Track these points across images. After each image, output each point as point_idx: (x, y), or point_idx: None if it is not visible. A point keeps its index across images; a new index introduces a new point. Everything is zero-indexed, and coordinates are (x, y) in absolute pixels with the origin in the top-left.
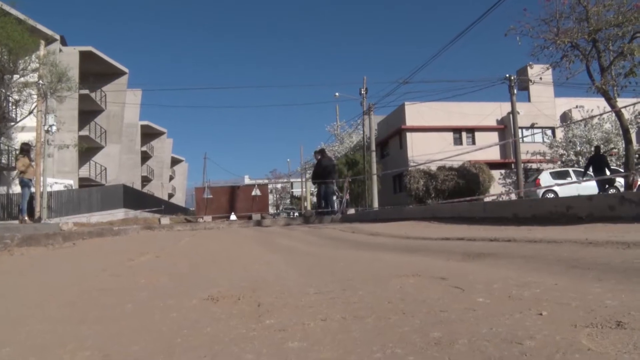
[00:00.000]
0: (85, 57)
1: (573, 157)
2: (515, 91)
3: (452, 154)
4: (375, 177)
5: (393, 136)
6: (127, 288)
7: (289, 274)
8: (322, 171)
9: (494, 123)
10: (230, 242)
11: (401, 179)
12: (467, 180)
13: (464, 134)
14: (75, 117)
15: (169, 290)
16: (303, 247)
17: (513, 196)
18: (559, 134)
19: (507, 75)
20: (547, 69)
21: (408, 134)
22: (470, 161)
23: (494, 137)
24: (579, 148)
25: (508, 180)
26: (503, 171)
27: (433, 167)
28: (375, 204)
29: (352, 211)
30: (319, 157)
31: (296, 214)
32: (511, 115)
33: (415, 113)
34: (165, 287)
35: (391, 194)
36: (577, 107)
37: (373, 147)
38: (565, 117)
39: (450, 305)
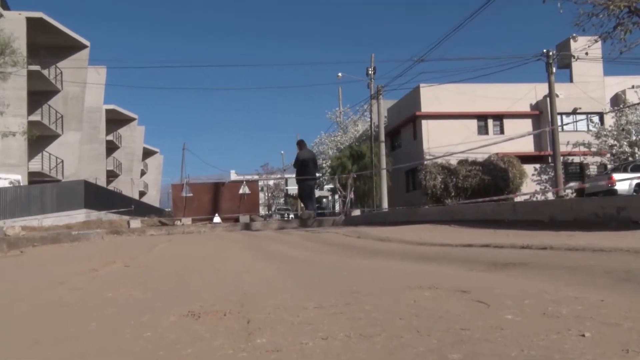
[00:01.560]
0: (34, 25)
1: (627, 149)
2: (554, 69)
3: (476, 145)
4: (384, 173)
5: (406, 124)
6: (91, 303)
7: (284, 285)
8: (300, 166)
9: (526, 108)
10: (214, 248)
11: (415, 175)
12: (494, 177)
13: (490, 122)
14: (24, 98)
15: (142, 305)
16: (300, 254)
17: (550, 195)
18: (609, 120)
19: (545, 50)
20: (595, 41)
21: (424, 122)
22: (497, 154)
23: (526, 125)
24: (634, 137)
25: (544, 177)
26: (538, 166)
27: (453, 161)
28: (385, 204)
29: (357, 212)
30: (298, 148)
31: (291, 215)
32: (548, 99)
33: (432, 97)
34: (137, 302)
35: (403, 193)
36: (633, 87)
37: (382, 137)
38: (617, 100)
39: (473, 322)
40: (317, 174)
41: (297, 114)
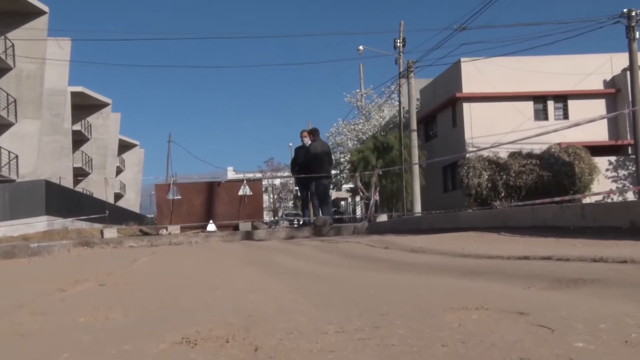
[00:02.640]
0: None
1: None
2: (637, 34)
3: (532, 133)
4: (417, 169)
5: (443, 108)
6: (60, 330)
7: (298, 305)
8: (312, 160)
9: (599, 86)
10: (210, 262)
11: (455, 171)
12: (556, 173)
13: (550, 104)
14: None
15: (123, 330)
16: (315, 268)
17: (630, 196)
18: None
19: (625, 10)
20: None
21: (465, 105)
22: (560, 144)
23: (598, 106)
24: None
25: (621, 172)
26: (613, 158)
27: (503, 154)
28: (417, 208)
29: (383, 218)
30: (307, 139)
31: (303, 221)
32: (629, 73)
33: (477, 74)
34: (117, 327)
35: (440, 193)
36: None
37: (414, 124)
38: None
39: (534, 351)
40: (332, 171)
41: (309, 99)
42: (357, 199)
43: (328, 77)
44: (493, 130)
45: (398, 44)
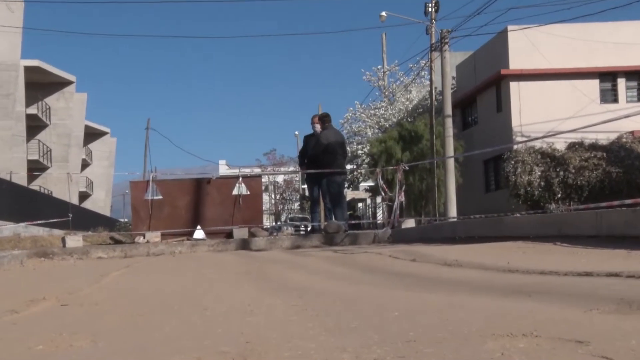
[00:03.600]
0: None
1: None
2: None
3: (598, 119)
4: (451, 163)
5: (485, 89)
6: None
7: (306, 330)
8: (323, 152)
9: None
10: (198, 277)
11: (499, 166)
12: (627, 168)
13: (621, 82)
14: None
15: None
16: (327, 284)
17: None
18: None
19: None
20: None
21: (513, 85)
22: (633, 132)
23: None
24: None
25: None
26: None
27: (559, 145)
28: (452, 211)
29: (409, 223)
30: (319, 126)
31: (310, 227)
32: None
33: (527, 46)
34: (84, 357)
35: (480, 193)
36: None
37: (448, 108)
38: None
39: None
40: (348, 166)
41: (320, 78)
42: (378, 200)
43: (344, 53)
44: (548, 115)
45: (430, 9)
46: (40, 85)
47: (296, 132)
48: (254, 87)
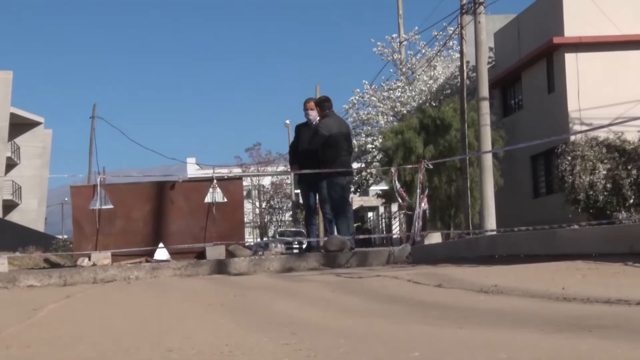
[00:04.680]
0: None
1: None
2: None
3: None
4: (489, 160)
5: (532, 64)
6: None
7: None
8: (323, 146)
9: None
10: (160, 309)
11: (551, 164)
12: None
13: None
14: None
15: None
16: (328, 318)
17: None
18: None
19: None
20: None
21: (569, 58)
22: None
23: None
24: None
25: None
26: None
27: (630, 135)
28: (490, 222)
29: (435, 238)
30: (315, 113)
31: (306, 243)
32: None
33: (588, 6)
34: None
35: (527, 198)
36: None
37: (484, 89)
38: None
39: None
40: (354, 164)
41: (319, 50)
42: (394, 208)
43: (347, 17)
44: (616, 97)
45: None
46: None
47: (287, 121)
48: (230, 62)
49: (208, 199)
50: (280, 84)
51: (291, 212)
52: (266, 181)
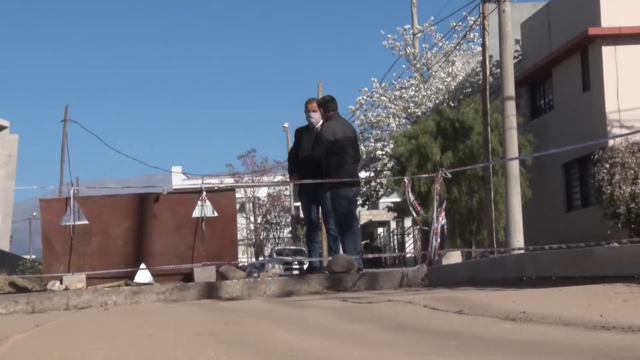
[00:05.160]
0: None
1: None
2: None
3: None
4: (515, 169)
5: (564, 58)
6: None
7: None
8: (327, 153)
9: None
10: (142, 341)
11: (586, 172)
12: None
13: None
14: None
15: None
16: (333, 350)
17: None
18: None
19: None
20: None
21: (607, 51)
22: None
23: None
24: None
25: None
26: None
27: None
28: (517, 239)
29: (454, 257)
30: (318, 115)
31: (308, 263)
32: None
33: None
34: None
35: (559, 211)
36: None
37: (510, 88)
38: None
39: None
40: (362, 173)
41: (315, 46)
42: (408, 223)
43: (354, 5)
44: None
45: None
46: None
47: (285, 125)
48: (218, 53)
49: (196, 213)
50: (277, 81)
51: (290, 228)
52: (262, 193)
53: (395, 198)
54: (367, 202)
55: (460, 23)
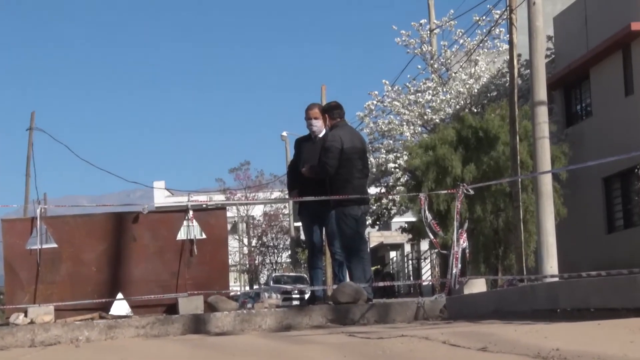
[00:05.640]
0: None
1: None
2: None
3: None
4: (548, 183)
5: (603, 57)
6: None
7: None
8: (339, 168)
9: None
10: None
11: (629, 187)
12: None
13: None
14: None
15: None
16: None
17: None
18: None
19: None
20: None
21: None
22: None
23: None
24: None
25: None
26: None
27: None
28: (550, 264)
29: (477, 286)
30: (320, 122)
31: (309, 292)
32: None
33: None
34: None
35: (599, 232)
36: None
37: (542, 91)
38: None
39: None
40: (371, 189)
41: (317, 42)
42: (424, 246)
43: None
44: None
45: None
46: None
47: (283, 133)
48: (211, 54)
49: (181, 235)
50: (274, 83)
51: (290, 252)
52: (257, 211)
53: (410, 217)
54: (378, 223)
55: (484, 17)
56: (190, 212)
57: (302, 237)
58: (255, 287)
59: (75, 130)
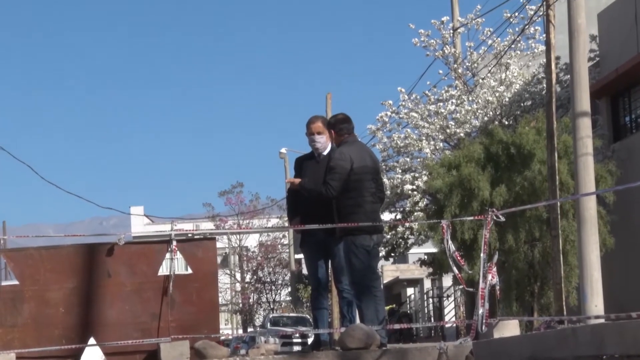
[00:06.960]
0: None
1: None
2: None
3: None
4: (592, 208)
5: None
6: None
7: None
8: (343, 189)
9: None
10: None
11: None
12: None
13: None
14: None
15: None
16: None
17: None
18: None
19: None
20: None
21: None
22: None
23: None
24: None
25: None
26: None
27: None
28: (595, 303)
29: (509, 328)
30: (325, 138)
31: (313, 336)
32: None
33: None
34: None
35: None
36: None
37: (585, 100)
38: None
39: None
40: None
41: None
42: (447, 281)
43: None
44: None
45: None
46: None
47: (282, 150)
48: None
49: (164, 270)
50: (272, 92)
51: (290, 289)
52: (252, 241)
53: (430, 248)
54: (393, 254)
55: (516, 14)
56: (174, 243)
57: (305, 271)
58: (249, 330)
59: (39, 148)
